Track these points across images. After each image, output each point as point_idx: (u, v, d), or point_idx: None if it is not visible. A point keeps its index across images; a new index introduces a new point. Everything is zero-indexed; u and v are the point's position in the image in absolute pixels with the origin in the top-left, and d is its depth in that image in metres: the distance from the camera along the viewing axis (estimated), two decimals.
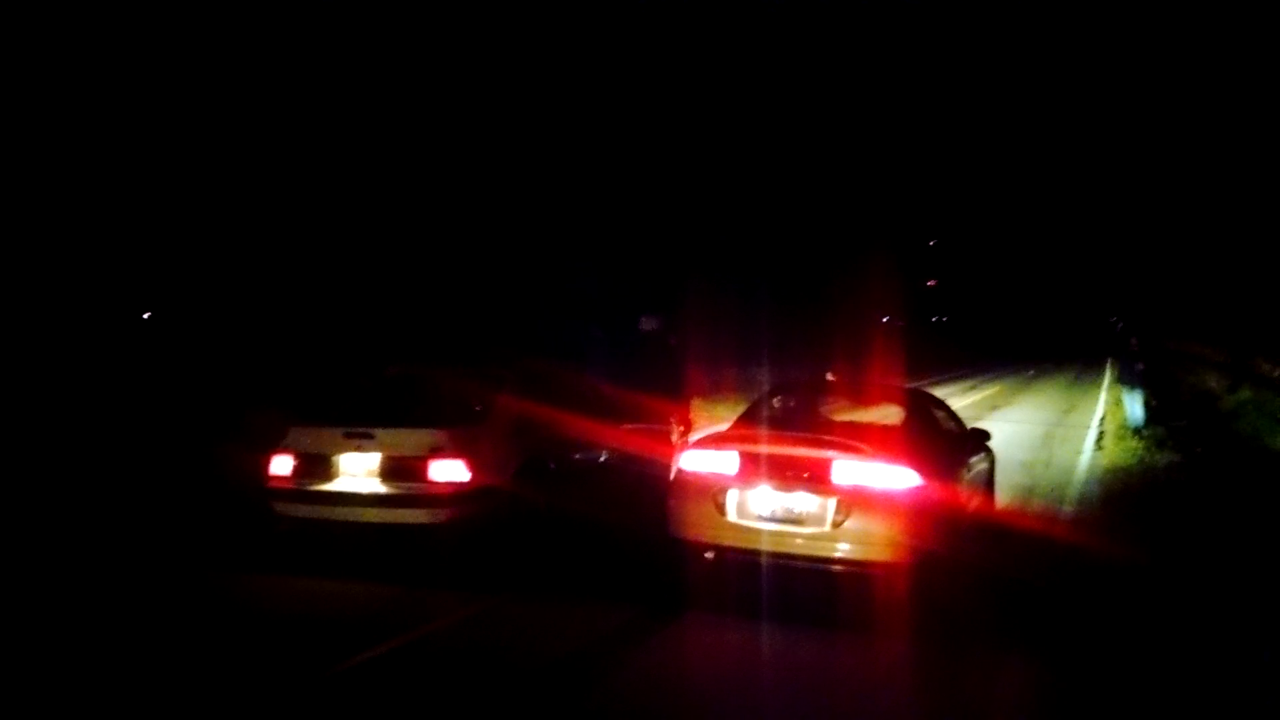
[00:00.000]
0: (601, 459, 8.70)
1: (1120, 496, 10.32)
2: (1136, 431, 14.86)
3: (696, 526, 6.37)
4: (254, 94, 15.59)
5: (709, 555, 6.41)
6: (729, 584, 6.42)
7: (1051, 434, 16.41)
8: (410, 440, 7.14)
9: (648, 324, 16.28)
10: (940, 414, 7.81)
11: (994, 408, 21.69)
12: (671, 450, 9.80)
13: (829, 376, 16.15)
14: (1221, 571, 7.07)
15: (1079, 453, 13.85)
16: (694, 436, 10.06)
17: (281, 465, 7.35)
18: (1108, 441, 14.51)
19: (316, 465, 7.26)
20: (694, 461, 6.55)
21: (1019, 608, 6.24)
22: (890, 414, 7.37)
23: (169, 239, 13.97)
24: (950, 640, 5.63)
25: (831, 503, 6.02)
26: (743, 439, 6.62)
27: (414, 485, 7.06)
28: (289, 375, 11.26)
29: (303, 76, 16.22)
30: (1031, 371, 38.10)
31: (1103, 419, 18.33)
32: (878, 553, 6.01)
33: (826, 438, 6.46)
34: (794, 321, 29.17)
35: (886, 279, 41.43)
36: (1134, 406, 15.80)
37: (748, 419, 7.49)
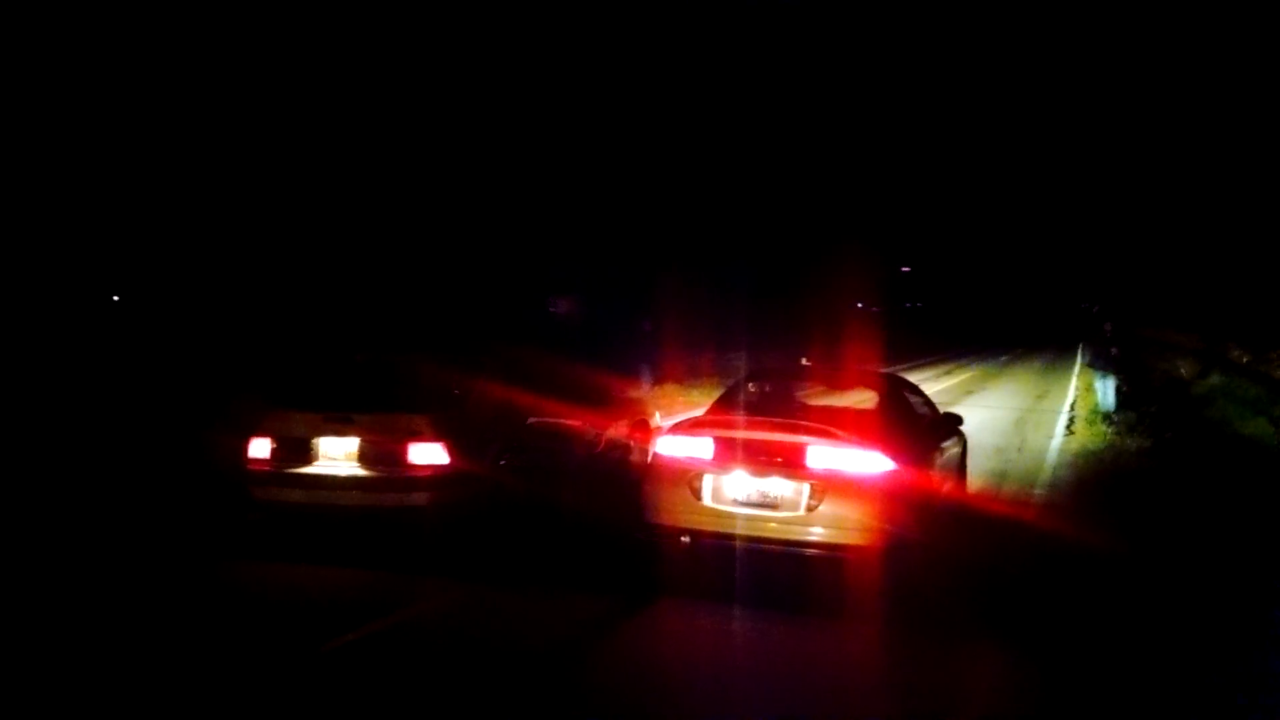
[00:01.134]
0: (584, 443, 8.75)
1: (1090, 481, 10.50)
2: (1107, 417, 15.05)
3: (672, 512, 6.44)
4: (227, 79, 15.43)
5: (685, 540, 6.47)
6: (704, 569, 6.49)
7: (1024, 419, 16.61)
8: (389, 424, 7.17)
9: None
10: (914, 399, 7.91)
11: (968, 393, 21.90)
12: (648, 435, 9.87)
13: (804, 362, 16.27)
14: (1190, 555, 7.22)
15: (1050, 437, 14.03)
16: (663, 422, 10.13)
17: (260, 449, 7.36)
18: (1079, 427, 14.70)
19: (295, 449, 7.28)
20: (670, 447, 6.61)
21: (990, 592, 6.35)
22: (864, 399, 7.47)
23: (143, 223, 13.82)
24: (922, 625, 5.73)
25: (806, 487, 6.10)
26: (718, 424, 6.68)
27: (393, 469, 7.11)
28: (267, 360, 11.20)
29: (266, 58, 16.06)
30: (1005, 357, 38.47)
31: (1074, 404, 18.53)
32: (851, 537, 6.10)
33: (801, 423, 6.54)
34: (771, 308, 29.32)
35: (861, 265, 41.74)
36: (1106, 392, 16.00)
37: (723, 404, 7.55)
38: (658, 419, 10.39)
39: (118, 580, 6.52)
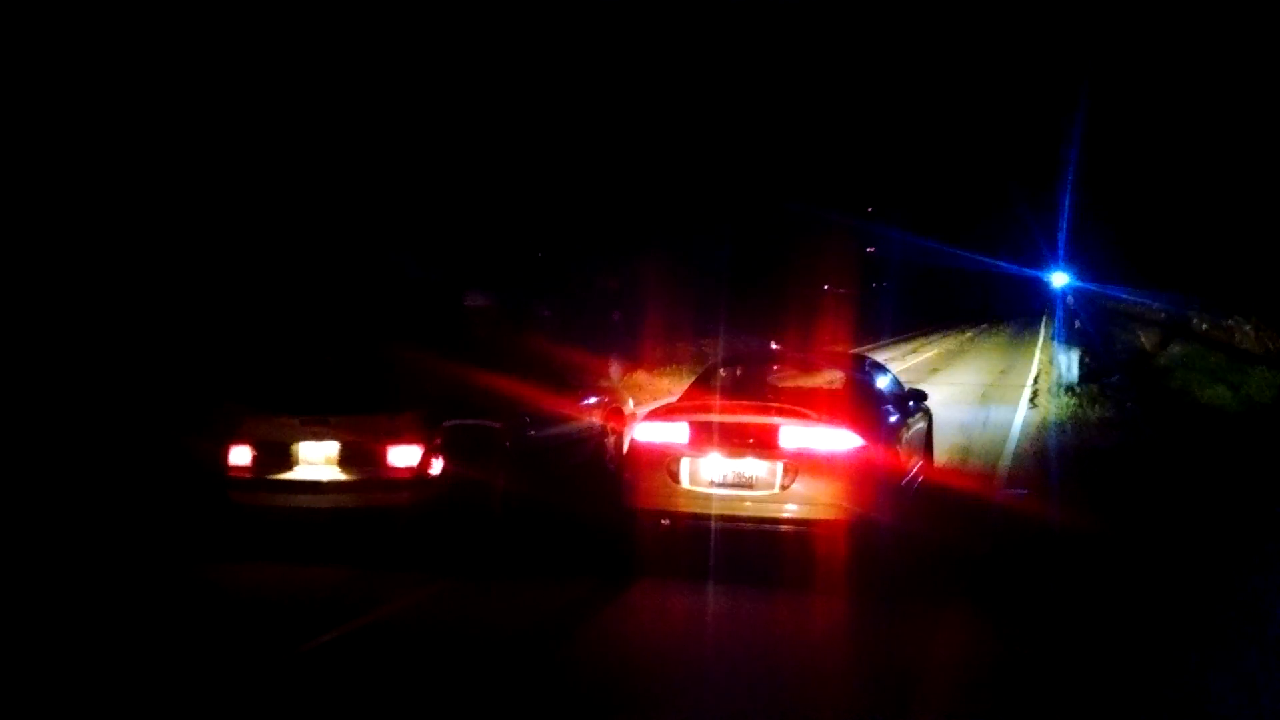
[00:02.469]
0: (556, 434, 8.89)
1: (1053, 451, 10.81)
2: (1070, 389, 15.41)
3: (651, 495, 6.61)
4: (212, 78, 15.28)
5: (665, 523, 6.66)
6: (682, 550, 6.68)
7: (989, 394, 16.96)
8: (367, 426, 7.26)
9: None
10: (880, 376, 8.13)
11: (933, 370, 22.28)
12: (622, 422, 10.04)
13: (773, 346, 16.51)
14: (1151, 522, 7.50)
15: (1015, 410, 14.36)
16: (642, 409, 10.30)
17: (240, 456, 7.43)
18: (1042, 400, 15.04)
19: (274, 454, 7.35)
20: (647, 433, 6.78)
21: (955, 564, 6.58)
22: (833, 378, 7.68)
23: (120, 222, 13.68)
24: (890, 598, 5.93)
25: (779, 466, 6.30)
26: (693, 409, 6.86)
27: (373, 470, 7.20)
28: (244, 359, 11.21)
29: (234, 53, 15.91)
30: (971, 333, 39.04)
31: (1037, 378, 18.93)
32: (823, 512, 6.32)
33: (773, 404, 6.74)
34: (742, 294, 29.48)
35: (828, 248, 42.01)
36: (1070, 365, 16.37)
37: (697, 389, 7.73)
38: (630, 406, 10.55)
39: (99, 581, 6.57)
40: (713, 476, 6.43)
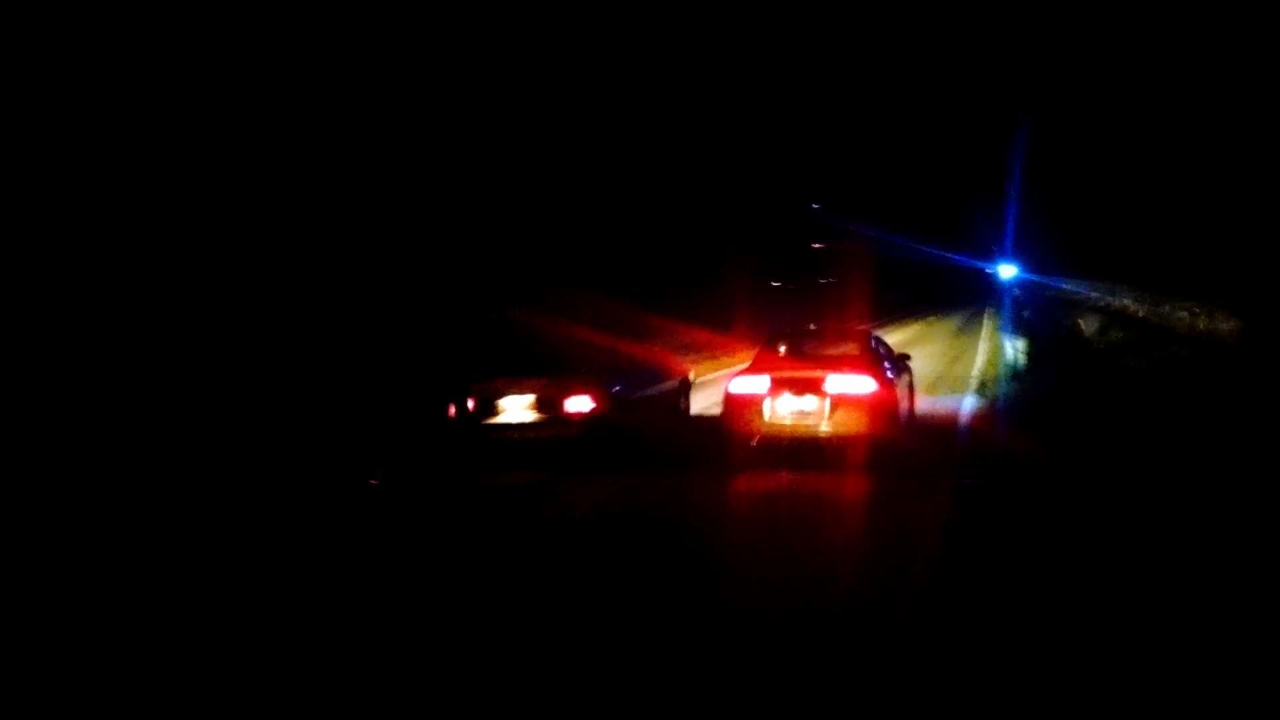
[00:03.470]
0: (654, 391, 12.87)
1: (1000, 402, 14.92)
2: (1017, 376, 17.44)
3: (745, 424, 10.60)
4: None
5: (754, 442, 10.65)
6: (766, 457, 10.68)
7: (937, 383, 18.45)
8: (551, 385, 11.13)
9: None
10: (880, 345, 12.15)
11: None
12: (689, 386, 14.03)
13: (810, 326, 19.76)
14: (1067, 436, 11.61)
15: (963, 399, 16.38)
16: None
17: (465, 406, 11.26)
18: (990, 389, 16.99)
19: (489, 404, 11.20)
20: (740, 386, 10.77)
21: (935, 464, 10.63)
22: (850, 346, 11.70)
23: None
24: (892, 480, 9.94)
25: (826, 402, 10.29)
26: (769, 368, 10.86)
27: (555, 413, 11.08)
28: (437, 339, 15.06)
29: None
30: (918, 325, 42.61)
31: (983, 367, 20.66)
32: (853, 430, 10.33)
33: (818, 364, 10.77)
34: (700, 291, 31.49)
35: (773, 245, 44.21)
36: (1016, 354, 18.44)
37: (764, 356, 11.69)
38: (692, 376, 14.54)
39: (421, 484, 10.43)
40: (783, 411, 10.41)
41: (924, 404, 14.58)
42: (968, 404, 14.93)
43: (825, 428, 10.36)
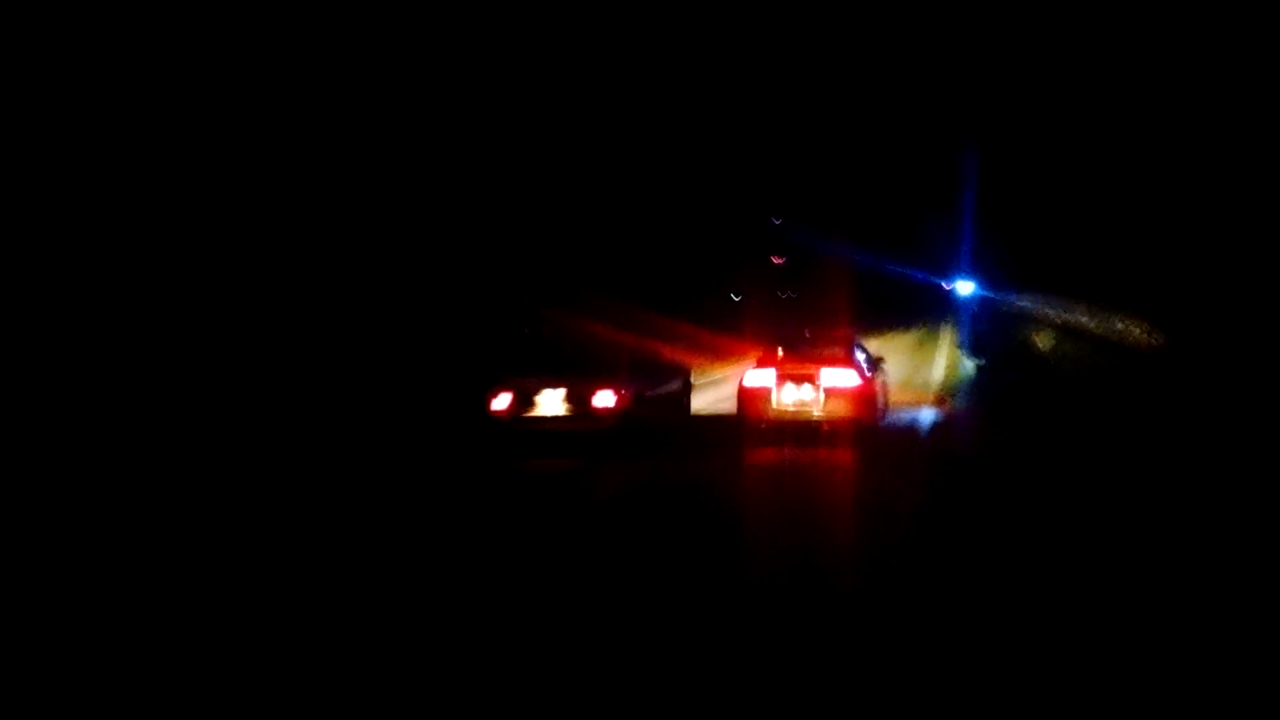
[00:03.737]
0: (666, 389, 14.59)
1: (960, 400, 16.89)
2: (972, 385, 19.83)
3: (756, 412, 12.46)
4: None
5: (762, 426, 12.45)
6: (771, 439, 12.46)
7: (899, 392, 19.34)
8: (581, 383, 12.80)
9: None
10: (861, 348, 14.01)
11: None
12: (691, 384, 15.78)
13: (806, 332, 21.31)
14: (1014, 422, 13.52)
15: (919, 414, 17.36)
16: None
17: (502, 401, 12.89)
18: (947, 405, 18.47)
19: (525, 400, 12.84)
20: (750, 379, 12.59)
21: (908, 445, 12.48)
22: (838, 349, 13.55)
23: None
24: (874, 456, 11.76)
25: (820, 393, 12.14)
26: (774, 364, 12.69)
27: (585, 408, 12.74)
28: (472, 341, 16.62)
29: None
30: (876, 342, 44.14)
31: (939, 385, 21.72)
32: (842, 415, 12.19)
33: (814, 360, 12.63)
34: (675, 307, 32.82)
35: (734, 259, 45.39)
36: (970, 364, 20.74)
37: (767, 355, 13.48)
38: (692, 376, 16.29)
39: (464, 473, 12.00)
40: (787, 400, 12.24)
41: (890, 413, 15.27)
42: (927, 411, 16.36)
43: (818, 413, 12.19)
